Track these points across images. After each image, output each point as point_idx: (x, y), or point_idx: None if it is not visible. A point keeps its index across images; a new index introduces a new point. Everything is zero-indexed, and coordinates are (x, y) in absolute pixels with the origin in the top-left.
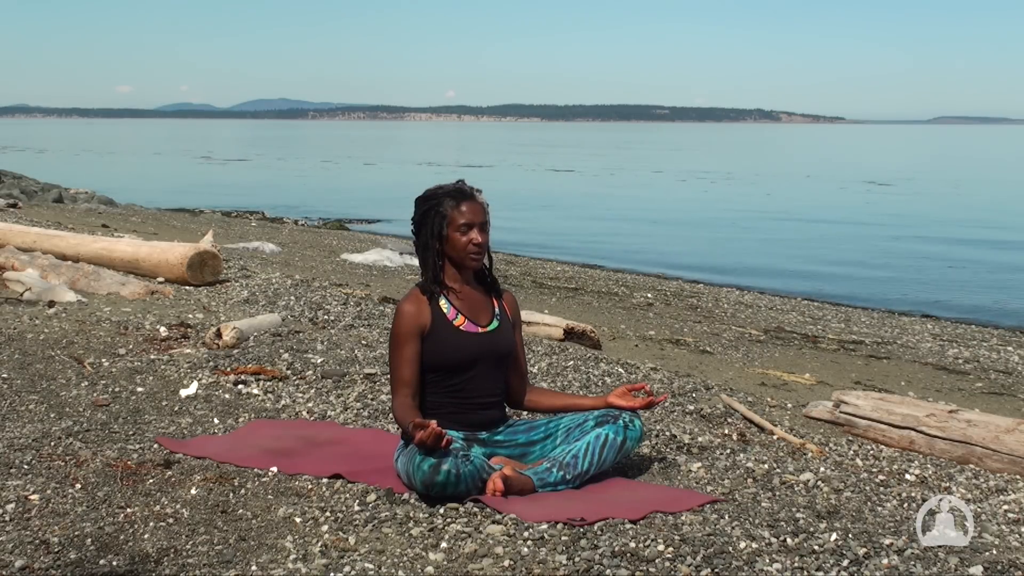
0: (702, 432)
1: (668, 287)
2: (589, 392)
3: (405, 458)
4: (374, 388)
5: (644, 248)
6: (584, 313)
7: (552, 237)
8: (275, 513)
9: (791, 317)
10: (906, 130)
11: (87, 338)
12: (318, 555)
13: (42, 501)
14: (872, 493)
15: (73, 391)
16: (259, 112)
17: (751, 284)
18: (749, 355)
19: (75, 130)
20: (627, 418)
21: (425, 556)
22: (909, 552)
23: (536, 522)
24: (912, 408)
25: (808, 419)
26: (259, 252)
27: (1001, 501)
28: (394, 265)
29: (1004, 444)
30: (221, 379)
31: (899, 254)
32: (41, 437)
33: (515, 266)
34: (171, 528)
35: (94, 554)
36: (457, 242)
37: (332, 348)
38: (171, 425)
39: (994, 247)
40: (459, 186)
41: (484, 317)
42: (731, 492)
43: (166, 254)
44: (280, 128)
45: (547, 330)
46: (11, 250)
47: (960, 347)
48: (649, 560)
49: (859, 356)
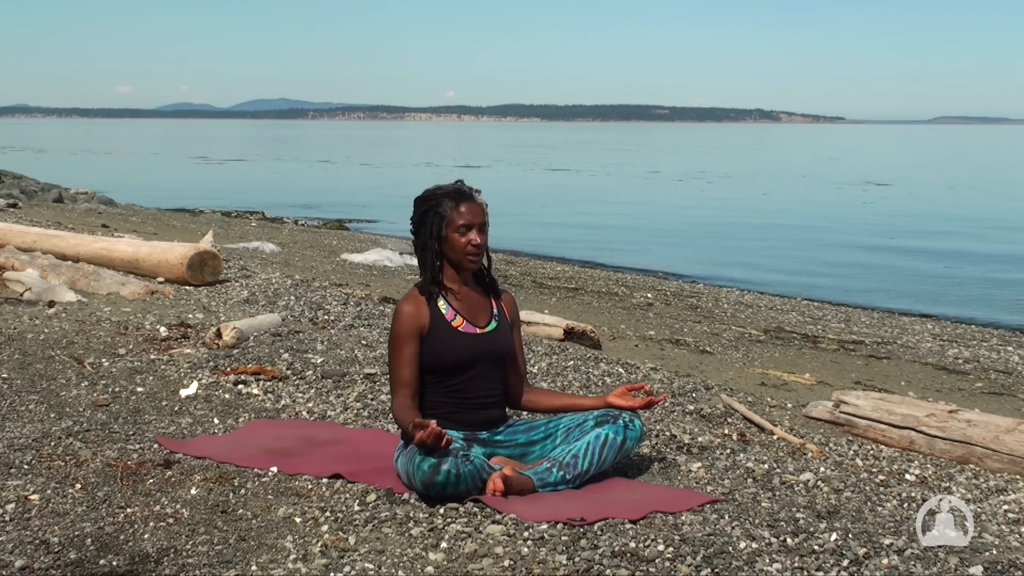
0: (702, 432)
1: (668, 287)
2: (589, 392)
3: (405, 458)
4: (374, 388)
5: (644, 248)
6: (584, 313)
7: (552, 237)
8: (275, 513)
9: (791, 317)
10: (906, 130)
11: (87, 338)
12: (318, 555)
13: (42, 501)
14: (872, 493)
15: (73, 391)
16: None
17: (751, 284)
18: (749, 355)
19: (75, 130)
20: (627, 418)
21: (425, 556)
22: (909, 552)
23: (536, 522)
24: (912, 408)
25: (808, 419)
26: (259, 252)
27: (1001, 501)
28: (394, 265)
29: (1004, 444)
30: (221, 379)
31: (899, 254)
32: (41, 437)
33: (515, 266)
34: (171, 528)
35: (94, 554)
36: (456, 243)
37: (332, 348)
38: (171, 425)
39: (994, 247)
40: (458, 186)
41: (482, 318)
42: (731, 492)
43: (166, 254)
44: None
45: (547, 330)
46: (11, 250)
47: (960, 347)
48: (649, 560)
49: (859, 356)
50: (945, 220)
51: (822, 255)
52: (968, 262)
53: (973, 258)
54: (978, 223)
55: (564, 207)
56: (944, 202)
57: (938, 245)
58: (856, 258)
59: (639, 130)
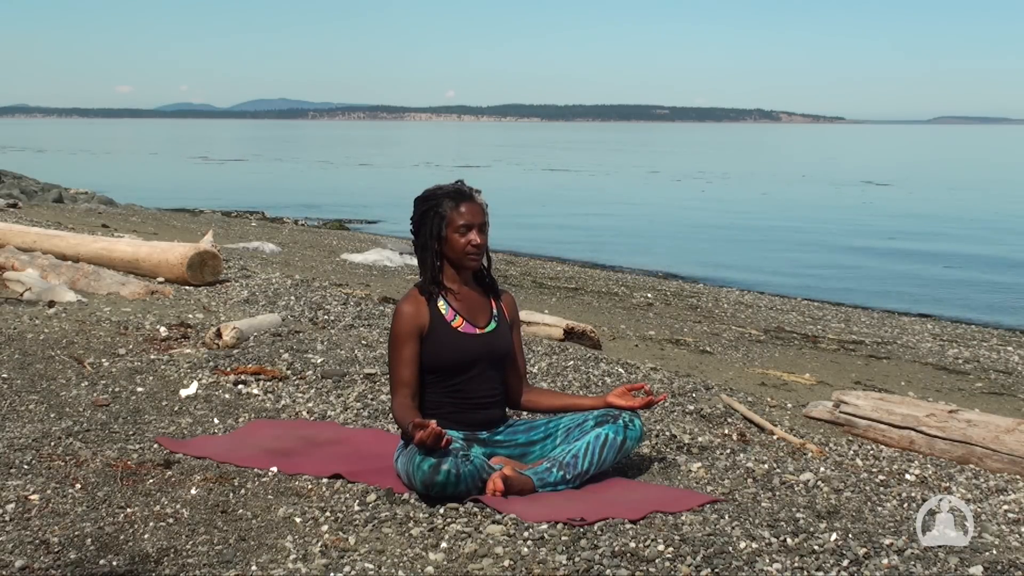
0: (702, 432)
1: (668, 287)
2: (589, 392)
3: (405, 458)
4: (374, 388)
5: (644, 248)
6: (584, 313)
7: (552, 237)
8: (275, 513)
9: (791, 317)
10: (906, 130)
11: (87, 338)
12: (318, 555)
13: (42, 501)
14: (872, 493)
15: (73, 391)
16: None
17: (751, 284)
18: (749, 355)
19: (75, 130)
20: (627, 418)
21: (425, 556)
22: (909, 552)
23: (536, 522)
24: (912, 408)
25: (808, 419)
26: (259, 252)
27: (1001, 501)
28: (394, 265)
29: (1004, 444)
30: (221, 379)
31: (899, 254)
32: (41, 437)
33: (515, 266)
34: (171, 528)
35: (94, 554)
36: (456, 243)
37: (332, 348)
38: (171, 425)
39: (994, 247)
40: (458, 186)
41: (482, 318)
42: (731, 492)
43: (166, 254)
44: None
45: (547, 330)
46: (11, 250)
47: (960, 347)
48: (649, 560)
49: (859, 356)
50: (945, 220)
51: (822, 255)
52: (968, 262)
53: (973, 258)
54: (978, 223)
55: (564, 207)
56: (944, 202)
57: (938, 245)
58: (856, 258)
59: (639, 130)
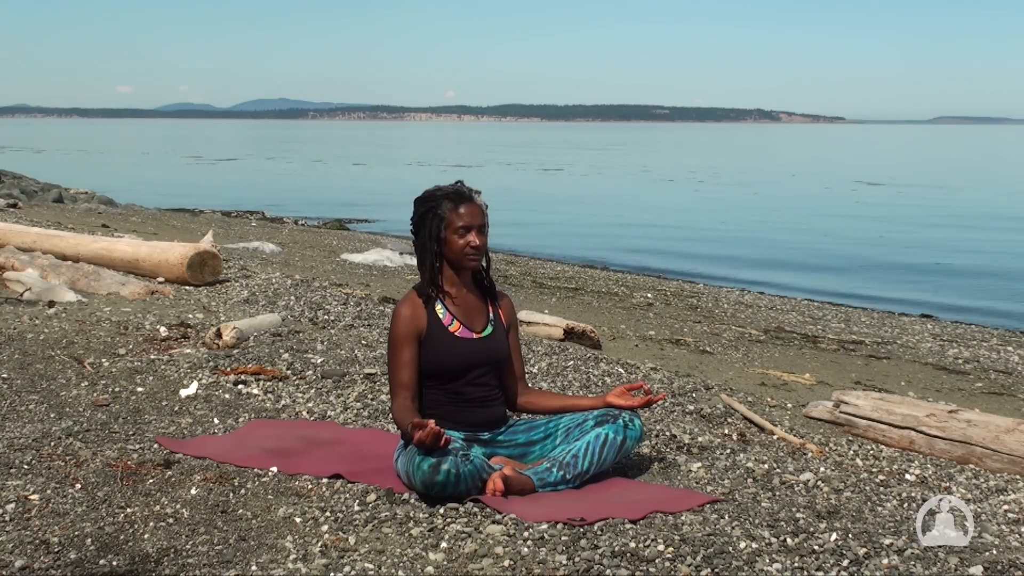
0: (702, 432)
1: (668, 287)
2: (589, 392)
3: (405, 458)
4: (374, 388)
5: (644, 248)
6: (584, 313)
7: (552, 237)
8: (275, 513)
9: (791, 317)
10: (906, 130)
11: (87, 338)
12: (318, 555)
13: (42, 501)
14: (872, 493)
15: (73, 391)
16: (259, 112)
17: (751, 284)
18: (749, 355)
19: (75, 130)
20: (627, 417)
21: (425, 556)
22: (909, 552)
23: (536, 522)
24: (912, 408)
25: (808, 419)
26: (259, 252)
27: (1001, 501)
28: (394, 265)
29: (1004, 444)
30: (221, 379)
31: (899, 255)
32: (41, 437)
33: (515, 266)
34: (171, 528)
35: (94, 554)
36: (455, 244)
37: (332, 348)
38: (171, 425)
39: (995, 247)
40: (458, 187)
41: (479, 322)
42: (731, 492)
43: (166, 254)
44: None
45: (547, 330)
46: (11, 250)
47: (960, 347)
48: (649, 560)
49: (859, 356)
50: (945, 220)
51: (823, 255)
52: (968, 262)
53: (973, 258)
54: (979, 224)
55: (564, 207)
56: (945, 202)
57: (938, 245)
58: (856, 258)
59: (639, 130)
